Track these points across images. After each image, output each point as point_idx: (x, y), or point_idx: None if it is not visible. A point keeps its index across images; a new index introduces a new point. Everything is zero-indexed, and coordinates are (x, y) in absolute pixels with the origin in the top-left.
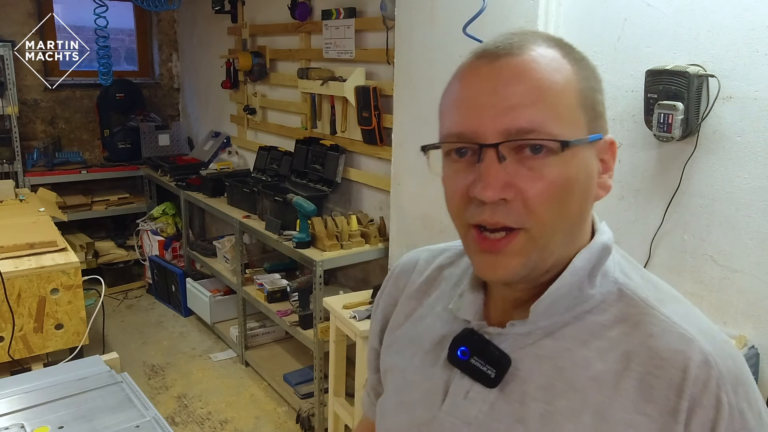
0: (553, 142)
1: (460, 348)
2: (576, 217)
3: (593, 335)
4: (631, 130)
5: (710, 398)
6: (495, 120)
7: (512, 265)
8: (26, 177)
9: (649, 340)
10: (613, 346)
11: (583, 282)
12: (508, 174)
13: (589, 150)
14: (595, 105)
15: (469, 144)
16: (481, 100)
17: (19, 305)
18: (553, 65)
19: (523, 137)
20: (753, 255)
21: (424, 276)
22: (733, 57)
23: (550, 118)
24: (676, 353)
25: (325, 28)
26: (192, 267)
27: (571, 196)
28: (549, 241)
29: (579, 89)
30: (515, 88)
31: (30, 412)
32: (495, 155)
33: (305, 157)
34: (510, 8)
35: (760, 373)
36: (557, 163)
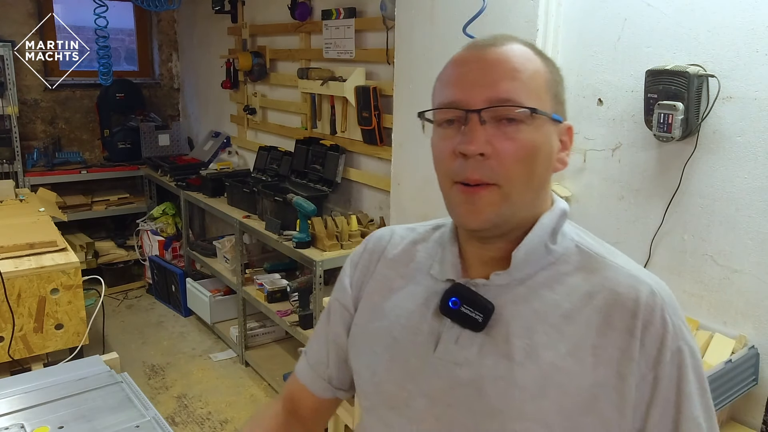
0: (524, 109)
1: (452, 299)
2: (540, 180)
3: (559, 282)
4: (631, 130)
5: (658, 318)
6: (480, 91)
7: (487, 214)
8: (26, 177)
9: (605, 281)
10: (576, 289)
11: (547, 239)
12: (487, 135)
13: (552, 127)
14: (558, 95)
15: (458, 110)
16: (471, 77)
17: (19, 305)
18: (527, 56)
19: (501, 104)
20: (753, 255)
21: (399, 249)
22: (733, 57)
23: (523, 92)
24: (629, 288)
25: (325, 28)
26: (192, 267)
27: (536, 159)
28: (517, 197)
29: (546, 78)
30: (497, 68)
31: (30, 412)
32: (478, 119)
33: (305, 157)
34: (510, 8)
35: (760, 373)
36: (527, 130)
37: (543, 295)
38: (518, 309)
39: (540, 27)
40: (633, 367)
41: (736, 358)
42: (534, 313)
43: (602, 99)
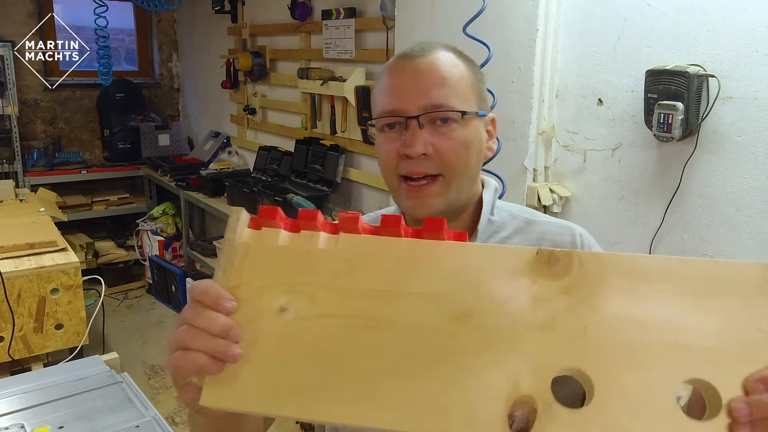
0: (455, 113)
1: None
2: (474, 168)
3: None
4: (631, 130)
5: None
6: (415, 100)
7: (433, 203)
8: (26, 177)
9: (543, 234)
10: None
11: (489, 213)
12: (426, 136)
13: (480, 122)
14: (481, 92)
15: (397, 118)
16: (406, 86)
17: (19, 305)
18: (452, 62)
19: (435, 110)
20: (753, 255)
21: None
22: (733, 57)
23: (452, 96)
24: (562, 234)
25: (325, 28)
26: (192, 267)
27: (470, 151)
28: (458, 184)
29: (471, 80)
30: (428, 77)
31: (30, 412)
32: (416, 124)
33: (305, 157)
34: (510, 8)
35: None
36: (459, 129)
37: None
38: None
39: (540, 27)
40: None
41: None
42: None
43: (602, 99)
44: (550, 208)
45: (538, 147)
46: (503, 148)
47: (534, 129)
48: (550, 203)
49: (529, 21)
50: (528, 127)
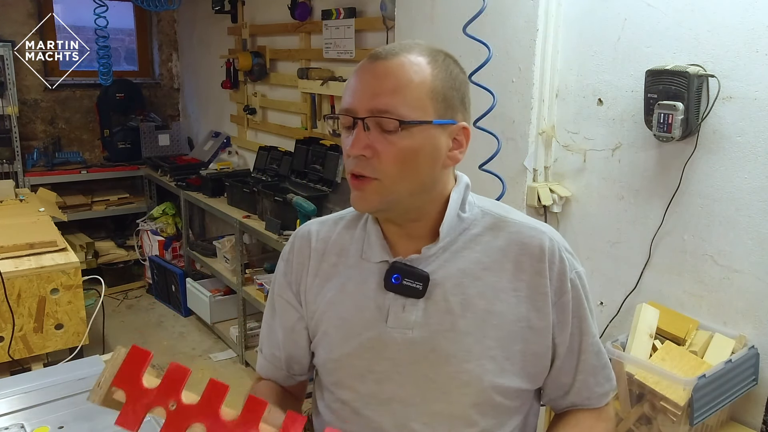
0: (394, 121)
1: (394, 276)
2: (425, 176)
3: (474, 242)
4: (631, 130)
5: (558, 258)
6: (366, 102)
7: (371, 201)
8: (26, 177)
9: (511, 235)
10: (490, 246)
11: (458, 209)
12: (370, 139)
13: (437, 130)
14: (447, 99)
15: (347, 117)
16: (360, 87)
17: (19, 305)
18: (414, 69)
19: (379, 115)
20: (753, 255)
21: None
22: (733, 57)
23: (402, 104)
24: (533, 238)
25: (325, 28)
26: (192, 267)
27: (416, 161)
28: (396, 189)
29: (432, 86)
30: (382, 82)
31: (30, 412)
32: (362, 125)
33: (305, 157)
34: (510, 8)
35: (760, 373)
36: (405, 136)
37: (465, 255)
38: (448, 271)
39: (540, 27)
40: (547, 299)
41: (736, 358)
42: (461, 272)
43: (602, 99)
44: (550, 208)
45: (538, 147)
46: (503, 148)
47: (534, 129)
48: (550, 203)
49: (529, 21)
50: (528, 127)
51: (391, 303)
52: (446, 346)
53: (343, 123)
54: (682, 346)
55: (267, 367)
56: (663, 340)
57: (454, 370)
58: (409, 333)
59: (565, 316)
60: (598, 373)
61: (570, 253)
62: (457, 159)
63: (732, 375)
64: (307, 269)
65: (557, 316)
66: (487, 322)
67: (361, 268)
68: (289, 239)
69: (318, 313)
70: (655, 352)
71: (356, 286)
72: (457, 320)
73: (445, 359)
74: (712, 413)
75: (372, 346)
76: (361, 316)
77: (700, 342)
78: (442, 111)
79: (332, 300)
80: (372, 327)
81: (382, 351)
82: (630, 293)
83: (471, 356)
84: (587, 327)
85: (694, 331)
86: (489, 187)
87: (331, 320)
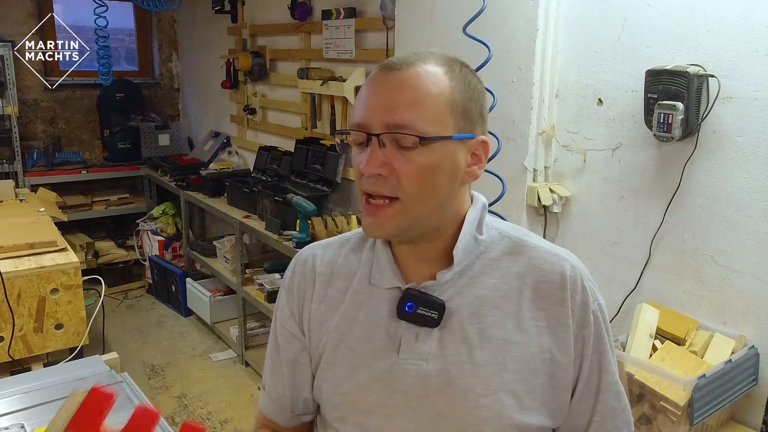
0: (413, 137)
1: (408, 304)
2: (444, 194)
3: (492, 267)
4: (631, 130)
5: (580, 287)
6: (380, 116)
7: (388, 227)
8: (26, 177)
9: (530, 261)
10: (508, 271)
11: (475, 231)
12: (386, 156)
13: (457, 145)
14: (466, 111)
15: (361, 133)
16: (374, 101)
17: (19, 305)
18: (432, 80)
19: (396, 131)
20: (753, 255)
21: (329, 265)
22: (733, 57)
23: (420, 118)
24: (553, 264)
25: (325, 28)
26: (192, 267)
27: (434, 177)
28: (416, 210)
29: (451, 99)
30: (397, 95)
31: (30, 412)
32: (377, 142)
33: (305, 157)
34: (510, 8)
35: (760, 373)
36: (425, 153)
37: (482, 281)
38: (464, 299)
39: (540, 27)
40: (569, 330)
41: (736, 358)
42: (478, 299)
43: (602, 99)
44: (550, 208)
45: (538, 147)
46: (503, 148)
47: (534, 129)
48: (550, 203)
49: (529, 21)
50: (528, 127)
51: (403, 332)
52: (462, 380)
53: (355, 139)
54: (682, 346)
55: (270, 406)
56: (663, 340)
57: (470, 406)
58: (422, 365)
59: (585, 351)
60: (617, 416)
61: (592, 282)
62: (476, 175)
63: (732, 375)
64: (311, 296)
65: (577, 349)
66: (506, 353)
67: (369, 294)
68: (289, 265)
69: (322, 343)
70: (655, 352)
71: (365, 315)
72: (474, 351)
73: (461, 394)
74: (712, 413)
75: (383, 379)
76: (371, 346)
77: (700, 342)
78: (462, 124)
79: (339, 329)
80: (383, 358)
81: (393, 384)
82: (630, 293)
83: (489, 390)
84: (607, 364)
85: (694, 331)
86: (489, 188)
87: (338, 351)
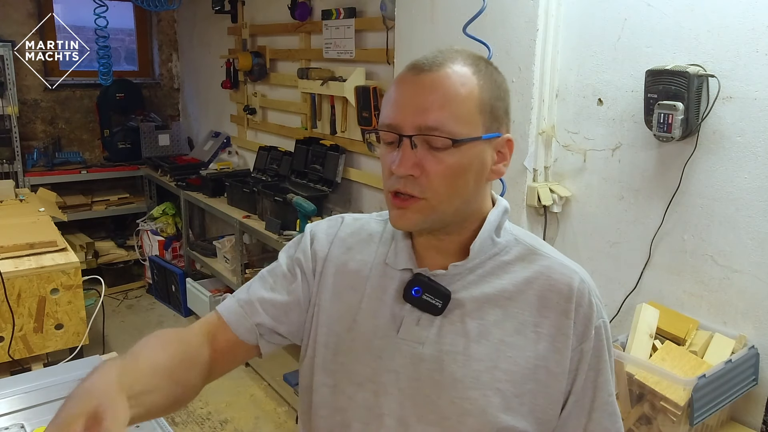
0: (446, 140)
1: (414, 288)
2: (470, 192)
3: (503, 269)
4: (631, 130)
5: (586, 301)
6: (412, 118)
7: (413, 219)
8: (26, 177)
9: (542, 269)
10: (517, 275)
11: (493, 233)
12: (417, 157)
13: (485, 144)
14: (494, 111)
15: (392, 134)
16: (405, 102)
17: (19, 305)
18: (461, 80)
19: (428, 133)
20: (753, 255)
21: (351, 233)
22: (733, 57)
23: (451, 120)
24: (563, 275)
25: (325, 28)
26: (192, 267)
27: (464, 177)
28: (443, 208)
29: (480, 99)
30: (428, 96)
31: (30, 412)
32: (409, 143)
33: (305, 157)
34: (510, 8)
35: (760, 373)
36: (455, 153)
37: (491, 281)
38: (471, 293)
39: (540, 27)
40: (568, 342)
41: (736, 358)
42: (484, 297)
43: (602, 99)
44: (550, 208)
45: (538, 147)
46: None
47: (534, 129)
48: (550, 203)
49: (529, 21)
50: (528, 127)
51: (406, 314)
52: (454, 369)
53: (385, 139)
54: (682, 346)
55: (233, 309)
56: (663, 340)
57: (457, 396)
58: (418, 348)
59: (581, 365)
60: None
61: (599, 299)
62: (501, 172)
63: (732, 375)
64: (328, 255)
65: (573, 362)
66: (501, 353)
67: (383, 272)
68: (320, 221)
69: (328, 306)
70: (655, 352)
71: (374, 291)
72: (471, 344)
73: (450, 382)
74: (712, 413)
75: (379, 355)
76: (375, 322)
77: (700, 342)
78: (489, 124)
79: (347, 299)
80: (383, 335)
81: (387, 361)
82: (630, 293)
83: (478, 384)
84: (604, 383)
85: (694, 331)
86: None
87: (342, 320)
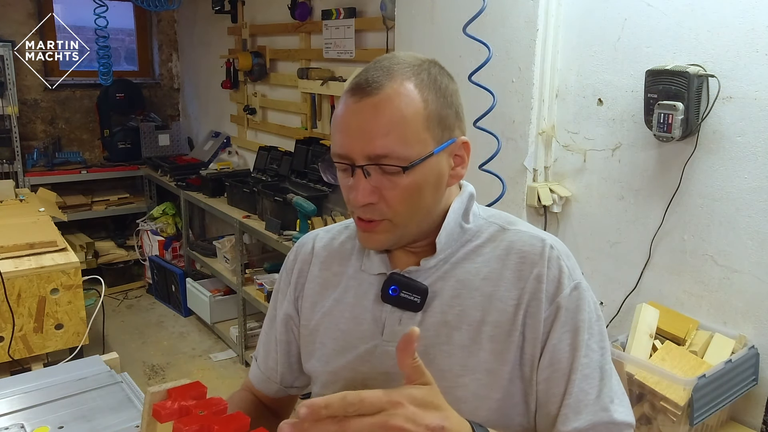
0: (396, 167)
1: (391, 287)
2: (431, 204)
3: (475, 253)
4: (631, 130)
5: (556, 264)
6: (360, 146)
7: (380, 240)
8: (26, 177)
9: (512, 244)
10: (490, 256)
11: (460, 220)
12: (373, 183)
13: (439, 156)
14: (443, 120)
15: (345, 163)
16: (351, 130)
17: (19, 305)
18: (405, 101)
19: (378, 162)
20: (753, 255)
21: (326, 250)
22: (733, 57)
23: (399, 144)
24: (532, 246)
25: (325, 28)
26: (192, 267)
27: (422, 194)
28: (406, 224)
29: (426, 115)
30: (373, 123)
31: (30, 412)
32: (362, 173)
33: (305, 157)
34: (510, 8)
35: (760, 373)
36: (409, 175)
37: (464, 266)
38: (446, 282)
39: (540, 27)
40: (540, 305)
41: (736, 358)
42: (459, 283)
43: (602, 99)
44: (550, 208)
45: (538, 147)
46: (503, 148)
47: (534, 129)
48: (550, 203)
49: (529, 21)
50: (528, 127)
51: (387, 316)
52: (441, 361)
53: (339, 167)
54: (682, 346)
55: (259, 377)
56: (663, 340)
57: (449, 386)
58: None
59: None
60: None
61: (572, 262)
62: (460, 175)
63: (732, 375)
64: (305, 277)
65: (549, 320)
66: (482, 333)
67: (360, 279)
68: (292, 248)
69: (314, 322)
70: (655, 352)
71: (354, 298)
72: (453, 333)
73: (439, 374)
74: (712, 413)
75: (368, 360)
76: (359, 329)
77: (700, 342)
78: (440, 135)
79: (330, 311)
80: (369, 340)
81: (377, 365)
82: (630, 293)
83: (466, 370)
84: (580, 343)
85: (694, 331)
86: (489, 187)
87: (328, 331)
